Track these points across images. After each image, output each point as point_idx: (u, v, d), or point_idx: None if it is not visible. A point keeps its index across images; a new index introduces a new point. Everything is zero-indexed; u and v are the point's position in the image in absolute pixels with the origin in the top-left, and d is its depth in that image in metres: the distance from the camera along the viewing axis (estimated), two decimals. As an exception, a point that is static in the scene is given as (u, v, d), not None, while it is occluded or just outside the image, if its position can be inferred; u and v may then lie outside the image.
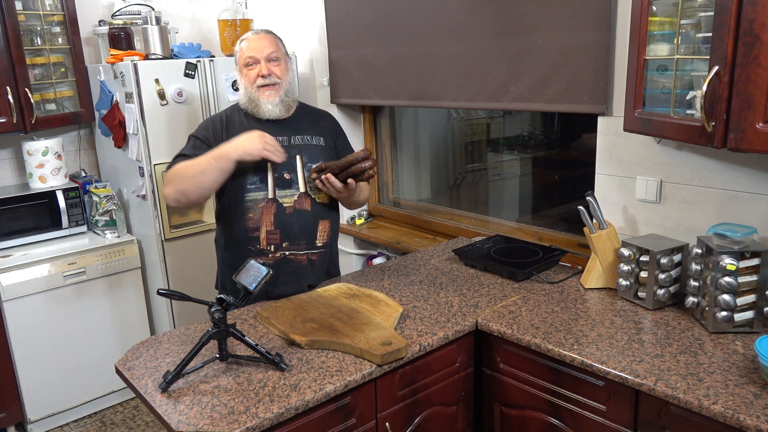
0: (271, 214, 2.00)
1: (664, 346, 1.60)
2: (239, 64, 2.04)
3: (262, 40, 2.03)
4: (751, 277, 1.62)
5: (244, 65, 2.02)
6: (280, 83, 2.01)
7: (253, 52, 2.00)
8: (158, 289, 1.54)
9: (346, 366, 1.57)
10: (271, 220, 2.00)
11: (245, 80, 2.02)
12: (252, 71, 2.00)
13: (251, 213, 1.99)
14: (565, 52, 2.16)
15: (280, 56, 2.04)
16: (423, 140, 3.38)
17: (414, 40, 2.70)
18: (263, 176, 1.99)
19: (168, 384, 1.48)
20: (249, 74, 2.01)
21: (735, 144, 1.46)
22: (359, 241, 3.34)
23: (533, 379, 1.73)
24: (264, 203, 1.99)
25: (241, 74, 2.04)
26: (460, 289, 2.06)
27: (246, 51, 2.01)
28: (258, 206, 1.99)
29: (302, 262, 2.04)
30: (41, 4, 2.92)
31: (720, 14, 1.43)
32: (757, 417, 1.28)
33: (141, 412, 3.07)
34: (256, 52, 2.00)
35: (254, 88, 2.00)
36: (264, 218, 1.99)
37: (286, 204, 2.01)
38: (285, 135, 2.04)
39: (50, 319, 2.82)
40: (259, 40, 2.03)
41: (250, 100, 2.02)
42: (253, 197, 1.99)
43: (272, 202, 2.00)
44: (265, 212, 1.99)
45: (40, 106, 2.98)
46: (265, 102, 2.00)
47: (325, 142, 2.11)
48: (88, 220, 3.10)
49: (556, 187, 2.77)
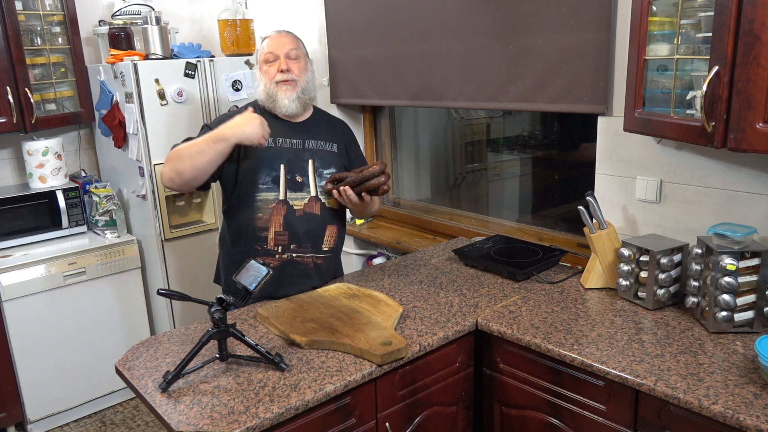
0: (280, 215, 2.00)
1: (664, 346, 1.60)
2: (259, 61, 2.06)
3: (283, 37, 2.06)
4: (751, 277, 1.62)
5: (264, 61, 2.04)
6: (297, 80, 2.02)
7: (273, 48, 2.03)
8: (158, 289, 1.54)
9: (346, 366, 1.57)
10: (280, 222, 2.00)
11: (265, 77, 2.04)
12: (272, 67, 2.02)
13: (261, 213, 1.99)
14: (565, 52, 2.16)
15: (300, 55, 2.06)
16: (423, 140, 3.38)
17: (414, 40, 2.70)
18: (275, 177, 2.00)
19: (168, 384, 1.48)
20: (269, 70, 2.03)
21: (735, 144, 1.46)
22: (359, 241, 3.34)
23: (533, 379, 1.73)
24: (274, 204, 1.99)
25: (260, 71, 2.06)
26: (460, 289, 2.06)
27: (267, 47, 2.04)
28: (268, 206, 1.99)
29: (308, 265, 2.05)
30: (41, 4, 2.92)
31: (720, 14, 1.43)
32: (757, 417, 1.28)
33: (141, 412, 3.07)
34: (276, 48, 2.03)
35: (273, 84, 2.01)
36: (273, 219, 1.99)
37: (296, 206, 2.01)
38: (299, 138, 2.06)
39: (50, 319, 2.82)
40: (280, 37, 2.06)
41: (268, 96, 2.03)
42: (264, 197, 1.99)
43: (283, 203, 2.00)
44: (275, 213, 1.99)
45: (40, 106, 2.98)
46: (282, 97, 2.01)
47: (337, 148, 2.13)
48: (88, 220, 3.10)
49: (556, 187, 2.77)
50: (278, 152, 2.02)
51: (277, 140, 2.03)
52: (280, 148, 2.03)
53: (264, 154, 2.00)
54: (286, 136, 2.05)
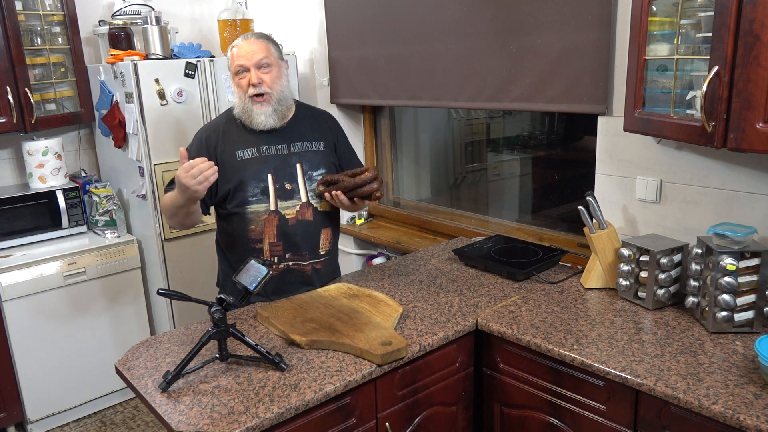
0: (273, 226, 1.97)
1: (664, 346, 1.60)
2: (231, 72, 1.98)
3: (252, 45, 1.93)
4: (751, 277, 1.62)
5: (235, 73, 1.95)
6: (271, 93, 1.93)
7: (243, 60, 1.92)
8: (158, 289, 1.54)
9: (346, 366, 1.57)
10: (273, 232, 1.97)
11: (238, 89, 1.95)
12: (243, 80, 1.93)
13: (253, 225, 1.97)
14: (565, 52, 2.16)
15: (272, 62, 1.94)
16: (423, 140, 3.38)
17: (414, 40, 2.70)
18: (264, 188, 1.97)
19: (168, 384, 1.48)
20: (240, 83, 1.94)
21: (735, 144, 1.46)
22: (359, 241, 3.34)
23: (533, 379, 1.73)
24: (266, 215, 1.96)
25: (233, 82, 1.97)
26: (460, 289, 2.06)
27: (236, 59, 1.93)
28: (260, 218, 1.96)
29: (307, 271, 2.03)
30: (41, 4, 2.92)
31: (720, 14, 1.43)
32: (757, 417, 1.28)
33: (141, 412, 3.07)
34: (246, 60, 1.92)
35: (247, 99, 1.93)
36: (266, 230, 1.97)
37: (288, 215, 1.98)
38: (284, 143, 2.01)
39: (50, 319, 2.82)
40: (249, 45, 1.93)
41: (243, 110, 1.96)
42: (254, 209, 1.96)
43: (274, 214, 1.97)
44: (268, 224, 1.97)
45: (40, 106, 2.97)
46: (258, 113, 1.94)
47: (325, 146, 2.08)
48: (88, 220, 3.10)
49: (556, 187, 2.77)
50: (264, 161, 1.97)
51: (261, 149, 1.98)
52: (266, 157, 1.98)
53: (250, 166, 1.96)
54: (269, 143, 1.99)
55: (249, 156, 1.98)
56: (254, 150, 1.98)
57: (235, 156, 1.97)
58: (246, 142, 1.98)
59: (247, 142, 1.98)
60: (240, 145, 1.98)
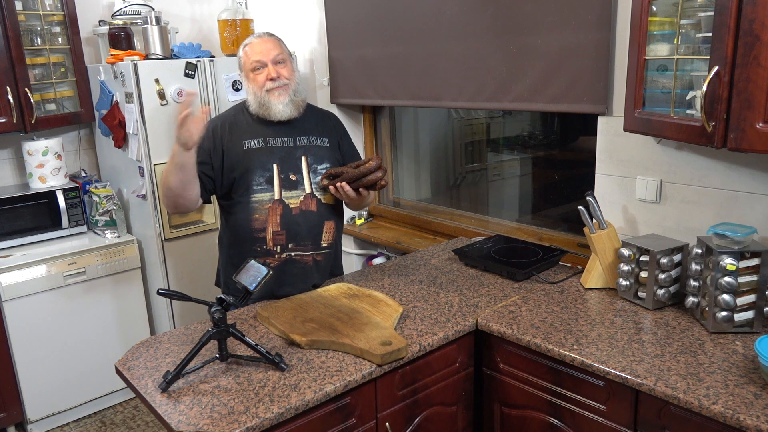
0: (277, 215, 2.00)
1: (664, 346, 1.60)
2: (245, 69, 2.03)
3: (266, 43, 2.02)
4: (751, 277, 1.62)
5: (251, 70, 2.00)
6: (289, 83, 2.00)
7: (259, 55, 1.99)
8: (158, 289, 1.54)
9: (346, 366, 1.57)
10: (277, 221, 2.00)
11: (253, 85, 2.00)
12: (260, 75, 1.99)
13: (257, 214, 1.99)
14: (565, 52, 2.16)
15: (285, 57, 2.03)
16: (423, 140, 3.38)
17: (414, 40, 2.70)
18: (269, 177, 2.00)
19: (168, 384, 1.48)
20: (257, 78, 2.00)
21: (735, 144, 1.46)
22: (359, 241, 3.34)
23: (533, 379, 1.73)
24: (270, 204, 1.99)
25: (248, 79, 2.02)
26: (460, 289, 2.06)
27: (252, 55, 2.00)
28: (264, 207, 1.99)
29: (308, 262, 2.05)
30: (41, 4, 2.92)
31: (720, 14, 1.43)
32: (757, 417, 1.28)
33: (141, 412, 3.07)
34: (262, 56, 1.99)
35: (263, 92, 1.99)
36: (270, 219, 1.99)
37: (292, 205, 2.01)
38: (290, 136, 2.05)
39: (50, 319, 2.82)
40: (263, 43, 2.02)
41: (260, 104, 2.00)
42: (259, 198, 1.99)
43: (278, 203, 2.00)
44: (272, 213, 1.99)
45: (40, 106, 2.97)
46: (276, 103, 1.99)
47: (329, 142, 2.12)
48: (88, 220, 3.10)
49: (556, 187, 2.77)
50: (270, 152, 2.02)
51: (268, 140, 2.03)
52: (272, 147, 2.02)
53: (255, 155, 2.00)
54: (276, 135, 2.04)
55: (255, 146, 2.01)
56: (261, 140, 2.01)
57: (242, 145, 2.01)
58: (253, 133, 2.02)
59: (254, 132, 2.03)
60: (247, 135, 2.02)
